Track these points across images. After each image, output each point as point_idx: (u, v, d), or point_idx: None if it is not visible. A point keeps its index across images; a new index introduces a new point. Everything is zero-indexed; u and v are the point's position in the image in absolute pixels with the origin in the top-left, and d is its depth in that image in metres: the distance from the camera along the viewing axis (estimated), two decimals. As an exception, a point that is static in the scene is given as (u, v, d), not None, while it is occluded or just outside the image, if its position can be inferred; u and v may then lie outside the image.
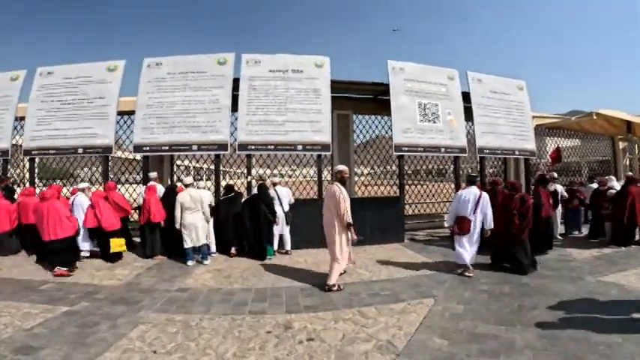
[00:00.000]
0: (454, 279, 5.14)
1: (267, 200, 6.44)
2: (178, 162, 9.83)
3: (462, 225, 5.19)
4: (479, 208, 5.17)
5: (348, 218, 4.47)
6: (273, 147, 7.36)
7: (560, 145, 12.27)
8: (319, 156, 7.72)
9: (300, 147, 7.43)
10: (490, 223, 5.22)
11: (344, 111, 8.97)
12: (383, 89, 8.60)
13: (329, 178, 9.37)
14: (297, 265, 5.96)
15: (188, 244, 6.02)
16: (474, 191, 5.26)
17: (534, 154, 9.80)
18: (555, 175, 8.85)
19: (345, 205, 4.46)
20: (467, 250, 5.21)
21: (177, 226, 6.05)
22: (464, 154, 8.73)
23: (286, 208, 6.74)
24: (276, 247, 6.76)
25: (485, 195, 5.26)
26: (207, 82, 7.67)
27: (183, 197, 6.10)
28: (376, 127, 9.64)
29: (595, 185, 8.37)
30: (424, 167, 11.58)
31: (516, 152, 9.40)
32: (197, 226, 6.06)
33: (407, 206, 9.35)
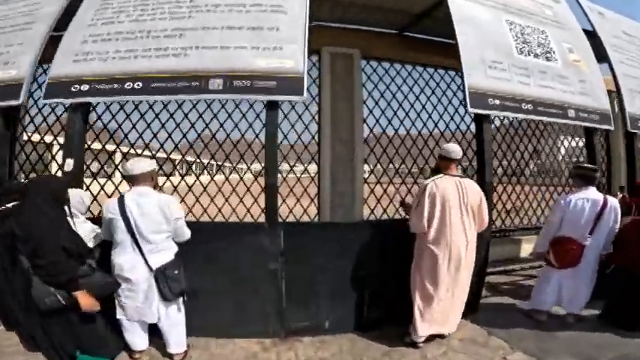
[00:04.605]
0: None
1: (33, 234, 1.66)
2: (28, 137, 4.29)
3: (564, 251, 2.74)
4: (600, 225, 2.77)
5: None
6: (140, 84, 2.54)
7: None
8: (272, 106, 2.79)
9: (218, 81, 2.56)
10: (608, 246, 2.86)
11: (344, 49, 4.32)
12: (421, 6, 4.13)
13: (315, 170, 4.47)
14: None
15: None
16: (593, 196, 2.84)
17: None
18: None
19: None
20: (561, 289, 2.87)
21: None
22: (608, 126, 4.00)
23: (164, 257, 1.97)
24: (143, 346, 2.00)
25: (613, 202, 2.86)
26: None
27: None
28: (403, 82, 4.81)
29: None
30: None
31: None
32: None
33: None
